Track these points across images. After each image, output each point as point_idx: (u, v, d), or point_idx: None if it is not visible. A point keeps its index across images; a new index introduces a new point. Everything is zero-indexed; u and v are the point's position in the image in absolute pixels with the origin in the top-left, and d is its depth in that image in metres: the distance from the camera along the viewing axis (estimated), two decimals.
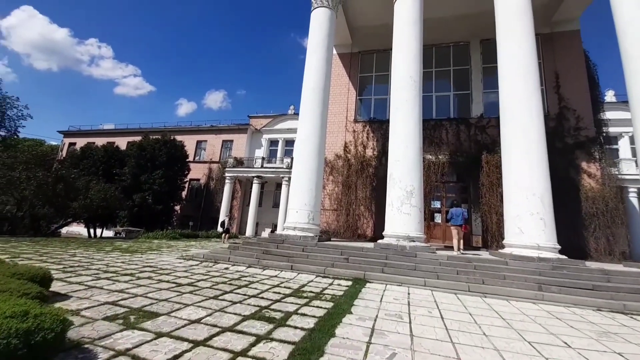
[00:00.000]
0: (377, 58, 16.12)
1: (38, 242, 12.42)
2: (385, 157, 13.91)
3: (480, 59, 14.54)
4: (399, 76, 10.42)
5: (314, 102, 11.32)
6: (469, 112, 14.07)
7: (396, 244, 8.83)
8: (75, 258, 8.61)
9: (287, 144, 30.78)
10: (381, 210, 13.25)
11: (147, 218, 25.30)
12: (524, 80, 9.77)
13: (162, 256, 9.97)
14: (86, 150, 28.07)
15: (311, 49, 12.05)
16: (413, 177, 9.39)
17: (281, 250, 9.14)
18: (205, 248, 13.33)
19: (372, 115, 15.53)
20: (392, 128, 10.21)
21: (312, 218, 10.37)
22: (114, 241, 15.55)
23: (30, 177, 16.59)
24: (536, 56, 10.18)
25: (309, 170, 10.67)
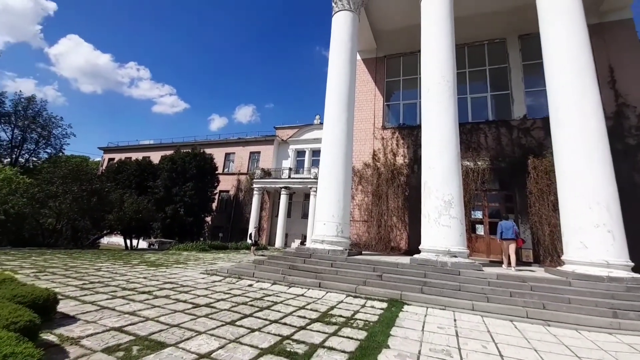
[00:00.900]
0: (404, 61, 15.27)
1: (71, 254, 12.48)
2: (417, 165, 12.97)
3: (519, 56, 13.31)
4: (430, 77, 9.55)
5: (338, 108, 10.66)
6: (510, 114, 12.81)
7: (435, 259, 7.84)
8: (99, 273, 8.34)
9: (314, 154, 30.31)
10: (415, 222, 12.23)
11: (179, 229, 25.54)
12: (577, 75, 8.60)
13: (186, 270, 9.54)
14: (121, 165, 29.04)
15: (334, 53, 11.47)
16: (451, 186, 8.41)
17: (308, 266, 8.41)
18: (233, 261, 12.87)
19: (402, 121, 14.62)
20: (424, 133, 9.31)
21: (341, 230, 9.59)
22: (145, 253, 15.51)
23: (66, 191, 17.06)
24: (589, 47, 8.97)
25: (336, 179, 9.95)
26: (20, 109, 40.50)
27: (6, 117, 39.93)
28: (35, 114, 41.46)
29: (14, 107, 40.14)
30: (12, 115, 40.16)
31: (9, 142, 41.33)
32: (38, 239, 17.73)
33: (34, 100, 41.61)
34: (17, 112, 40.34)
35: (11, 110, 40.06)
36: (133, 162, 29.17)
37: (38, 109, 41.72)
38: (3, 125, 40.38)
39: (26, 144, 42.13)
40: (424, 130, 9.32)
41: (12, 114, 40.11)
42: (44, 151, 43.30)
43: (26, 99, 41.15)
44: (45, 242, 17.50)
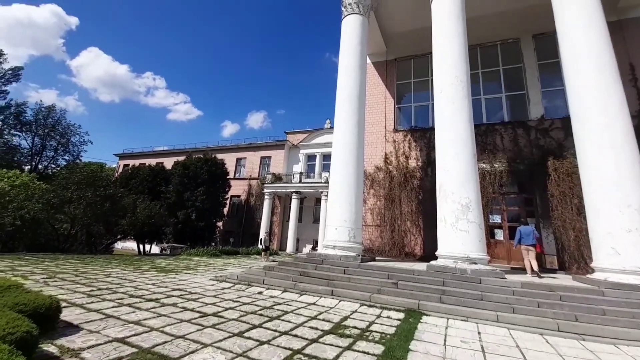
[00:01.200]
0: (414, 64, 14.90)
1: (84, 260, 12.43)
2: (431, 168, 12.55)
3: (534, 56, 12.80)
4: (443, 78, 9.17)
5: (349, 111, 10.35)
6: (526, 114, 12.28)
7: (454, 266, 7.39)
8: (109, 279, 8.17)
9: (325, 158, 30.03)
10: (430, 226, 11.78)
11: (191, 234, 25.50)
12: (599, 72, 8.16)
13: (195, 277, 9.31)
14: (134, 171, 29.26)
15: (343, 57, 11.20)
16: (468, 189, 7.97)
17: (320, 272, 8.06)
18: (243, 267, 12.62)
19: (414, 123, 14.20)
20: (438, 135, 8.91)
21: (353, 236, 9.22)
22: (156, 258, 15.40)
23: (80, 196, 17.15)
24: (610, 43, 8.48)
25: (348, 183, 9.61)
26: (41, 118, 41.51)
27: (27, 125, 40.94)
28: (54, 123, 42.40)
29: (35, 116, 41.20)
30: (33, 124, 41.17)
31: (29, 150, 42.37)
32: (53, 243, 17.85)
33: (54, 109, 42.63)
34: (38, 121, 41.36)
35: (32, 119, 41.12)
36: (146, 168, 29.40)
37: (57, 118, 42.69)
38: (24, 134, 41.49)
39: (45, 152, 43.05)
40: (438, 132, 8.92)
41: (33, 122, 41.13)
42: (62, 158, 44.21)
43: (46, 108, 42.17)
44: (60, 247, 17.60)
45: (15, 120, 40.22)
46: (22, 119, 40.56)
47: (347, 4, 11.50)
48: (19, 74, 39.08)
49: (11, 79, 38.67)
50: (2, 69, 37.41)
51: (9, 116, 39.65)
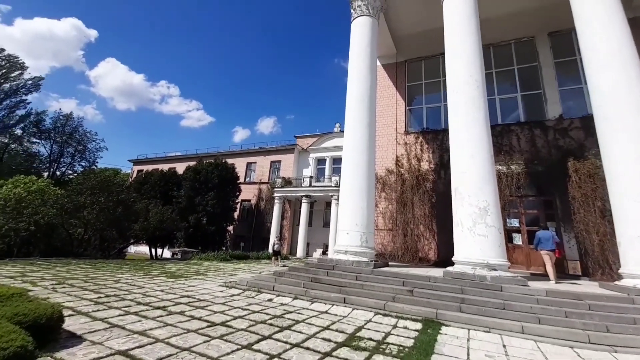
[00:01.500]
0: (425, 65, 14.53)
1: (95, 265, 12.38)
2: (444, 170, 12.13)
3: (550, 54, 12.31)
4: (457, 77, 8.81)
5: (360, 113, 10.07)
6: (543, 114, 11.78)
7: (472, 273, 6.99)
8: (117, 285, 8.00)
9: (335, 162, 29.74)
10: (444, 230, 11.36)
11: (202, 238, 25.44)
12: (622, 68, 7.75)
13: (205, 282, 9.09)
14: (147, 176, 29.44)
15: (353, 58, 10.94)
16: (486, 191, 7.56)
17: (331, 279, 7.74)
18: (253, 272, 12.37)
19: (425, 125, 13.80)
20: (453, 136, 8.54)
21: (365, 240, 8.88)
22: (167, 263, 15.29)
23: (94, 201, 17.22)
24: (632, 39, 8.05)
25: (359, 186, 9.29)
26: (59, 126, 42.55)
27: (46, 133, 42.00)
28: (72, 130, 43.49)
29: (54, 124, 42.23)
30: (52, 132, 42.20)
31: (47, 157, 43.38)
32: (68, 248, 17.95)
33: (72, 117, 43.71)
34: (56, 129, 42.42)
35: (51, 127, 42.16)
36: (158, 173, 29.55)
37: (75, 125, 43.81)
38: (43, 141, 42.54)
39: (63, 158, 44.07)
40: (452, 133, 8.55)
41: (52, 130, 42.17)
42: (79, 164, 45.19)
43: (64, 116, 43.25)
44: (74, 252, 17.68)
45: (35, 128, 41.28)
46: (41, 127, 41.61)
47: (356, 6, 11.26)
48: (39, 84, 40.16)
49: (31, 88, 39.73)
50: (22, 79, 38.46)
51: (29, 125, 40.75)
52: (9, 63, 37.32)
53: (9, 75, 37.58)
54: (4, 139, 39.91)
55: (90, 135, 44.82)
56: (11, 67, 37.54)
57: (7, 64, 37.18)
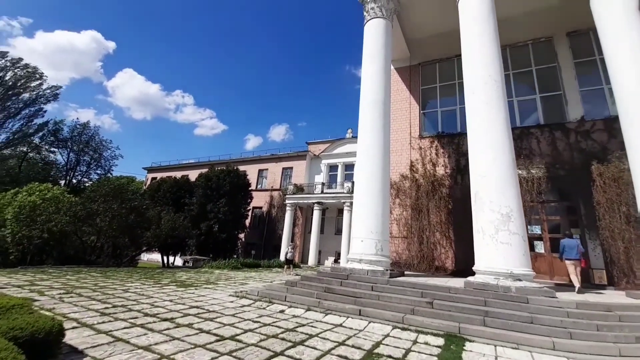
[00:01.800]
0: (440, 68, 14.21)
1: (105, 273, 12.32)
2: (461, 175, 11.73)
3: (569, 54, 11.84)
4: (475, 77, 8.49)
5: (374, 116, 9.81)
6: (564, 116, 11.29)
7: (495, 283, 6.57)
8: (126, 294, 7.85)
9: (347, 168, 29.46)
10: (462, 238, 10.91)
11: (213, 246, 25.40)
12: None
13: (215, 292, 8.87)
14: (160, 183, 29.68)
15: (367, 61, 10.73)
16: (509, 196, 7.17)
17: (346, 289, 7.42)
18: (265, 281, 12.12)
19: (440, 129, 13.42)
20: (471, 138, 8.20)
21: (381, 248, 8.54)
22: (178, 271, 15.18)
23: (106, 209, 17.31)
24: None
25: (374, 192, 8.98)
26: (76, 135, 43.43)
27: (63, 142, 42.86)
28: (88, 139, 44.34)
29: (71, 133, 43.15)
30: (69, 141, 43.06)
31: (64, 165, 44.32)
32: (81, 256, 18.05)
33: (88, 126, 44.65)
34: (73, 138, 43.27)
35: (68, 136, 43.06)
36: (171, 180, 29.76)
37: (91, 134, 44.67)
38: (60, 150, 43.51)
39: (79, 166, 44.91)
40: (471, 136, 8.21)
41: (69, 139, 43.03)
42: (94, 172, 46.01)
43: (81, 125, 44.20)
44: (87, 260, 17.77)
45: (53, 137, 42.08)
46: (59, 136, 42.43)
47: (369, 8, 11.09)
48: (57, 94, 40.92)
49: (50, 98, 40.54)
50: (41, 89, 39.44)
51: (48, 134, 41.54)
52: (28, 73, 38.17)
53: (28, 85, 38.48)
54: (23, 147, 40.91)
55: (105, 144, 45.65)
56: (30, 77, 38.38)
57: (27, 73, 38.05)
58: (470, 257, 10.38)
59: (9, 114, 37.73)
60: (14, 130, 38.50)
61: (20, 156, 41.08)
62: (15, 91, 37.52)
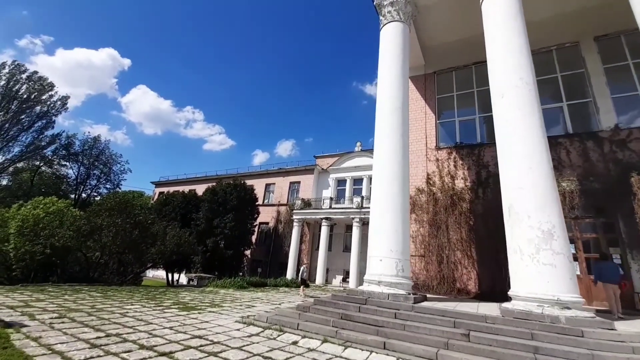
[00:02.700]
0: (457, 76, 13.58)
1: (106, 292, 11.58)
2: (482, 189, 10.91)
3: (598, 60, 11.12)
4: (503, 81, 7.81)
5: (392, 125, 9.13)
6: (595, 124, 10.48)
7: (540, 312, 5.65)
8: (123, 319, 7.07)
9: (355, 182, 28.67)
10: (486, 257, 10.02)
11: (219, 263, 24.55)
12: None
13: (220, 317, 8.04)
14: (168, 198, 29.16)
15: (384, 66, 10.15)
16: (550, 211, 6.33)
17: (365, 316, 6.54)
18: (272, 303, 11.23)
19: (458, 139, 12.66)
20: (501, 146, 7.46)
21: (402, 269, 7.67)
22: (182, 290, 14.35)
23: (110, 223, 16.72)
24: None
25: (394, 205, 8.18)
26: (87, 148, 43.67)
27: (75, 156, 43.00)
28: (99, 152, 44.58)
29: (82, 147, 43.37)
30: (80, 154, 43.23)
31: (74, 179, 44.36)
32: (85, 272, 17.35)
33: (99, 139, 44.98)
34: (84, 152, 43.49)
35: (79, 149, 43.24)
36: (179, 195, 29.23)
37: (102, 148, 44.97)
38: (71, 164, 43.64)
39: (89, 180, 44.98)
40: (501, 144, 7.46)
41: (80, 153, 43.19)
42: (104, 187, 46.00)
43: (92, 138, 44.51)
44: (92, 277, 17.07)
45: (65, 151, 42.30)
46: (70, 149, 42.59)
47: (386, 12, 10.59)
48: (66, 103, 40.92)
49: (60, 109, 40.63)
50: (52, 100, 39.75)
51: (60, 147, 41.78)
52: (41, 86, 38.63)
53: (41, 98, 38.94)
54: (35, 161, 41.08)
55: (115, 158, 45.89)
56: (42, 89, 38.87)
57: (39, 87, 38.48)
58: (497, 278, 9.48)
59: (22, 127, 38.07)
60: (27, 143, 38.82)
61: (33, 170, 41.24)
62: (29, 104, 37.94)
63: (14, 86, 36.68)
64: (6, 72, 36.59)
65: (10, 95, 36.18)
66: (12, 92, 36.40)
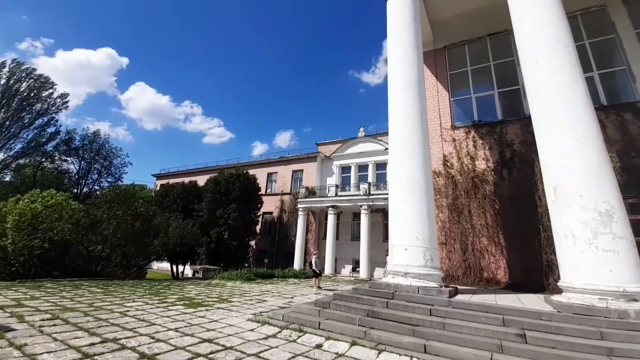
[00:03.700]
0: (470, 50, 12.37)
1: (108, 287, 10.82)
2: (507, 169, 9.98)
3: (630, 24, 10.03)
4: (538, 43, 6.79)
5: (408, 100, 8.12)
6: (632, 95, 9.48)
7: (604, 306, 4.79)
8: (124, 320, 6.27)
9: (360, 169, 27.65)
10: (516, 243, 9.16)
11: (224, 254, 23.82)
12: None
13: (230, 314, 7.22)
14: (168, 188, 28.29)
15: (394, 38, 9.09)
16: (606, 189, 5.42)
17: (395, 313, 5.69)
18: (283, 296, 10.44)
19: (476, 117, 11.63)
20: (539, 121, 6.52)
21: (430, 258, 6.79)
22: (187, 284, 13.57)
23: (110, 216, 15.88)
24: None
25: (417, 187, 7.24)
26: (87, 143, 43.24)
27: (75, 150, 42.47)
28: (99, 147, 44.07)
29: (82, 142, 42.84)
30: (80, 149, 42.71)
31: (76, 174, 43.66)
32: (86, 266, 16.59)
33: (99, 134, 44.35)
34: (84, 146, 43.09)
35: (80, 144, 42.76)
36: (179, 186, 28.34)
37: (102, 142, 44.37)
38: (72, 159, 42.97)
39: (90, 175, 44.43)
40: (538, 117, 6.51)
41: (80, 147, 42.67)
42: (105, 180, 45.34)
43: (92, 133, 43.89)
44: (95, 271, 16.32)
45: (66, 146, 41.90)
46: (71, 145, 42.21)
47: None
48: (66, 101, 40.69)
49: (60, 106, 40.23)
50: (52, 98, 39.11)
51: (61, 143, 41.46)
52: (41, 83, 38.12)
53: (41, 95, 38.38)
54: (37, 157, 40.45)
55: (115, 151, 45.21)
56: (42, 86, 38.36)
57: (39, 84, 37.98)
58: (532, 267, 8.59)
59: (23, 124, 37.77)
60: (28, 139, 38.56)
61: (35, 165, 40.71)
62: (29, 101, 37.57)
63: (14, 84, 36.33)
64: (6, 71, 36.26)
65: (11, 93, 35.83)
66: (13, 89, 36.07)
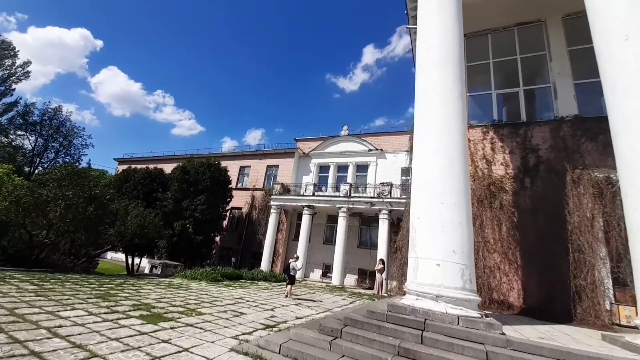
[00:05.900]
0: (493, 40, 10.87)
1: (43, 284, 8.13)
2: (530, 177, 8.59)
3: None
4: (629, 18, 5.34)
5: (445, 80, 6.33)
6: None
7: None
8: (49, 344, 3.87)
9: (340, 169, 25.78)
10: (535, 263, 7.70)
11: (187, 249, 20.94)
12: None
13: (204, 336, 5.02)
14: (129, 173, 24.82)
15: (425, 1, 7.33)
16: None
17: (437, 354, 3.82)
18: (261, 307, 8.26)
19: (496, 116, 10.16)
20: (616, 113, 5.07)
21: (469, 279, 5.04)
22: (144, 283, 10.93)
23: (58, 196, 12.77)
24: None
25: (455, 190, 5.49)
26: (47, 119, 38.92)
27: (33, 126, 38.14)
28: (59, 124, 39.86)
29: (41, 117, 38.62)
30: (39, 125, 38.46)
31: (31, 151, 38.57)
32: (26, 253, 13.22)
33: (60, 110, 39.90)
34: (43, 122, 38.75)
35: (38, 120, 38.46)
36: (142, 171, 24.96)
37: (63, 119, 40.22)
38: (29, 134, 38.00)
39: (47, 153, 39.91)
40: (616, 110, 5.02)
41: (39, 123, 38.41)
42: (62, 160, 40.51)
43: (53, 109, 39.39)
44: (38, 259, 13.01)
45: (22, 119, 37.33)
46: (28, 119, 37.64)
47: None
48: (28, 72, 36.29)
49: (21, 77, 35.89)
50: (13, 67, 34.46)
51: (17, 116, 36.91)
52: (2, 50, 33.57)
53: (2, 62, 33.70)
54: None
55: (77, 131, 40.75)
56: (4, 54, 33.71)
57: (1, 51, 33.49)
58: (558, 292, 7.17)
59: None
60: None
61: None
62: None
63: None
64: None
65: None
66: None
